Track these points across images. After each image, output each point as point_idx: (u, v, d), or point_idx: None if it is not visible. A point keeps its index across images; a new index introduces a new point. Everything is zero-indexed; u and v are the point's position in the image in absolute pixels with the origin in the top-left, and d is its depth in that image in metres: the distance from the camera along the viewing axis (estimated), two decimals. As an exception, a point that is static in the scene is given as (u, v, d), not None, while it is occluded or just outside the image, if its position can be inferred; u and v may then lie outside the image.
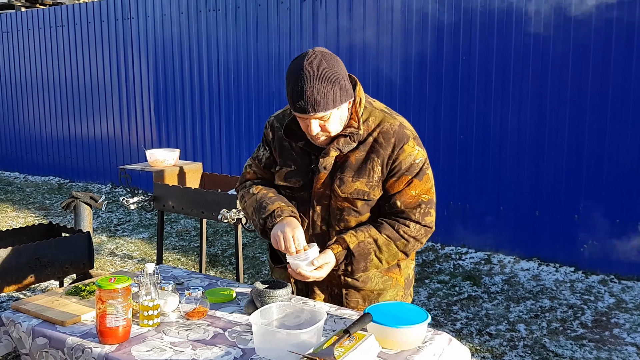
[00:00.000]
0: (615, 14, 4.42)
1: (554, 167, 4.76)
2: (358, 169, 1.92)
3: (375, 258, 1.93)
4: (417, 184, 1.92)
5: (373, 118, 1.94)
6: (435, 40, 5.22)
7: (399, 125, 1.93)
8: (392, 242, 1.93)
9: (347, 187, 1.93)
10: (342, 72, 1.84)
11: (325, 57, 1.81)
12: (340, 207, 1.96)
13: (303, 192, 2.01)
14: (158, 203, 3.87)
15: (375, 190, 1.93)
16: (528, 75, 4.80)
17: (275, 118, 2.09)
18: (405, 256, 1.99)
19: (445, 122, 5.23)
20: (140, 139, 7.64)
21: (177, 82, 7.16)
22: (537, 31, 4.72)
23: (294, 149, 2.01)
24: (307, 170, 1.99)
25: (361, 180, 1.92)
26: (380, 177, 1.92)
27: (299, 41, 6.09)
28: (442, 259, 5.04)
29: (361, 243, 1.91)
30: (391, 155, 1.90)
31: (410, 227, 1.93)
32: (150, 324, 1.84)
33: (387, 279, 2.05)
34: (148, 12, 7.28)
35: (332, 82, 1.79)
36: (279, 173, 2.05)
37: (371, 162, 1.91)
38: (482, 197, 5.12)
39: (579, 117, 4.63)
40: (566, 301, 4.17)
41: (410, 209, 1.92)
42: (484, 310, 4.05)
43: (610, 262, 4.54)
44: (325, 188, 1.96)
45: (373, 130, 1.93)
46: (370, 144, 1.92)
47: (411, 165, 1.91)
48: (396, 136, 1.91)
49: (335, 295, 2.06)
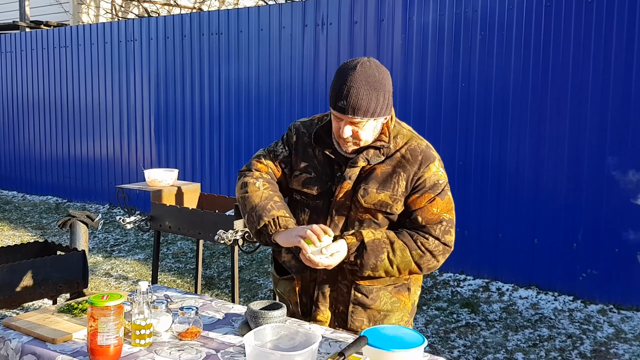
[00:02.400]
0: (614, 42, 4.46)
1: (552, 195, 4.75)
2: (383, 182, 1.94)
3: (387, 260, 1.91)
4: (439, 202, 1.93)
5: (401, 136, 1.98)
6: (435, 67, 5.26)
7: (426, 145, 1.98)
8: (408, 250, 1.91)
9: (371, 197, 1.93)
10: (389, 87, 1.88)
11: (378, 68, 1.86)
12: (360, 219, 1.96)
13: (318, 201, 2.00)
14: (155, 223, 3.85)
15: (398, 204, 1.94)
16: (527, 103, 4.83)
17: (302, 124, 2.10)
18: (419, 270, 1.95)
19: (444, 148, 5.24)
20: (140, 160, 7.64)
21: (178, 103, 7.20)
22: (536, 59, 4.76)
23: (317, 157, 2.02)
24: (327, 180, 1.99)
25: (385, 193, 1.93)
26: (403, 192, 1.93)
27: (300, 66, 6.14)
28: (440, 285, 4.99)
29: (377, 240, 1.90)
30: (417, 172, 1.93)
31: (429, 241, 1.92)
32: (142, 344, 1.81)
33: (395, 300, 2.03)
34: (151, 35, 7.35)
35: (378, 92, 1.83)
36: (297, 178, 2.04)
37: (397, 176, 1.93)
38: (481, 224, 5.10)
39: (578, 145, 4.64)
40: (565, 330, 4.12)
41: (432, 224, 1.93)
42: (481, 339, 4.00)
43: (609, 292, 4.50)
44: (346, 198, 1.96)
45: (401, 147, 1.96)
46: (397, 159, 1.94)
47: (435, 184, 1.93)
48: (423, 154, 1.94)
49: (339, 313, 2.03)
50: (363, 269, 1.91)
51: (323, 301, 2.04)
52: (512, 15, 4.85)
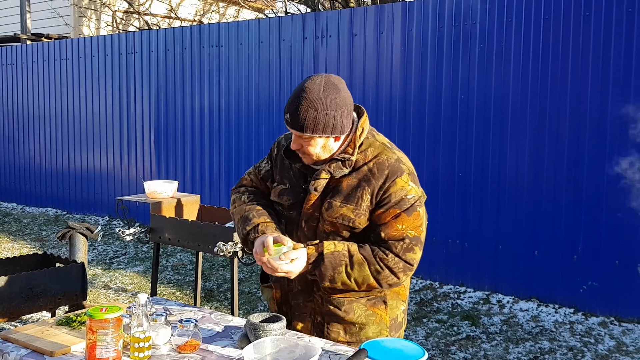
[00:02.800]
0: (612, 54, 4.48)
1: (552, 207, 4.75)
2: (347, 195, 1.92)
3: (344, 272, 1.89)
4: (405, 218, 1.89)
5: (372, 149, 1.95)
6: (434, 79, 5.28)
7: (396, 159, 1.93)
8: (367, 264, 1.89)
9: (334, 211, 1.92)
10: (340, 107, 1.84)
11: (328, 87, 1.83)
12: (326, 231, 1.97)
13: (292, 212, 2.03)
14: (154, 235, 3.84)
15: (361, 218, 1.91)
16: (526, 115, 4.84)
17: (285, 137, 2.14)
18: (378, 285, 1.92)
19: (443, 160, 5.25)
20: (140, 172, 7.65)
21: (178, 115, 7.21)
22: (535, 71, 4.78)
23: (292, 169, 2.05)
24: (299, 191, 2.01)
25: (348, 207, 1.91)
26: (368, 207, 1.91)
27: (299, 78, 6.16)
28: (441, 297, 4.97)
29: (336, 252, 1.89)
30: (382, 186, 1.89)
31: (389, 257, 1.88)
32: (140, 357, 1.80)
33: (370, 313, 2.01)
34: (152, 47, 7.39)
35: (327, 112, 1.82)
36: (274, 189, 2.09)
37: (361, 190, 1.90)
38: (481, 236, 5.09)
39: (577, 157, 4.64)
40: (566, 343, 4.10)
41: (393, 241, 1.89)
42: (482, 351, 3.98)
43: (610, 304, 4.48)
44: (314, 210, 1.97)
45: (370, 160, 1.93)
46: (364, 173, 1.91)
47: (402, 199, 1.88)
48: (390, 169, 1.90)
49: (317, 323, 2.03)
50: (322, 279, 1.91)
51: (301, 312, 2.05)
52: (511, 28, 4.88)
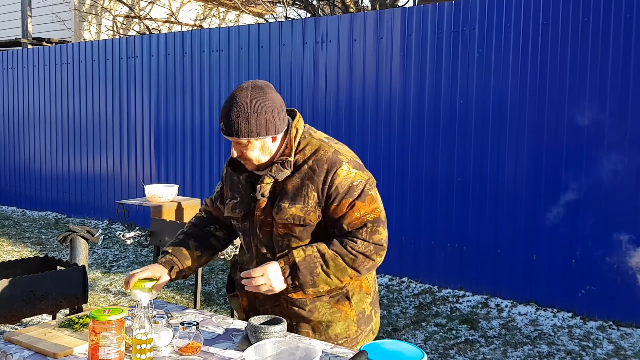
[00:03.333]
0: (611, 59, 4.52)
1: (550, 211, 4.77)
2: (294, 196, 1.96)
3: (322, 272, 1.93)
4: (360, 205, 1.93)
5: (310, 147, 1.99)
6: (433, 85, 5.31)
7: (334, 151, 1.97)
8: (340, 257, 1.93)
9: (284, 213, 1.96)
10: (276, 106, 1.91)
11: (256, 90, 1.90)
12: (280, 234, 2.00)
13: (246, 222, 2.08)
14: (154, 238, 3.86)
15: (311, 215, 1.95)
16: (524, 120, 4.87)
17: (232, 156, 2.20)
18: (357, 273, 1.96)
19: (442, 164, 5.28)
20: (140, 176, 7.67)
21: (179, 119, 7.24)
22: (534, 77, 4.82)
23: (241, 182, 2.10)
24: (249, 201, 2.05)
25: (297, 206, 1.95)
26: (317, 203, 1.95)
27: (299, 82, 6.20)
28: (439, 301, 4.99)
29: (307, 257, 1.92)
30: (325, 180, 1.93)
31: (358, 243, 1.93)
32: (142, 358, 1.81)
33: (335, 310, 2.04)
34: (152, 52, 7.42)
35: (258, 113, 1.88)
36: (227, 206, 2.14)
37: (306, 189, 1.95)
38: (480, 240, 5.11)
39: (576, 162, 4.67)
40: (564, 347, 4.11)
41: (357, 229, 1.94)
42: (481, 355, 3.99)
43: (608, 308, 4.50)
44: (266, 215, 2.01)
45: (308, 158, 1.97)
46: (305, 171, 1.96)
47: (349, 188, 1.93)
48: (329, 162, 1.94)
49: (289, 327, 2.06)
50: (304, 287, 1.94)
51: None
52: (509, 34, 4.92)
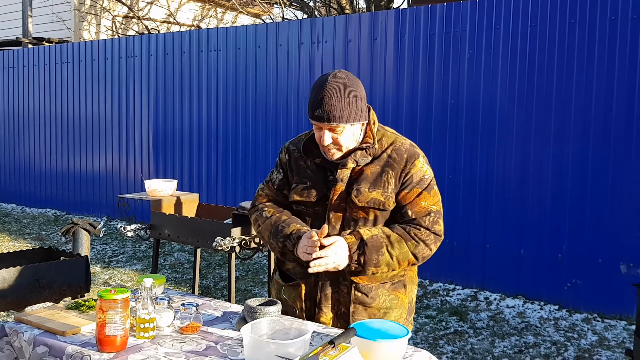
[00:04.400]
0: (596, 60, 4.67)
1: (538, 207, 4.92)
2: (374, 181, 2.07)
3: (387, 253, 2.03)
4: (427, 196, 2.08)
5: (386, 138, 2.13)
6: (426, 84, 5.46)
7: (410, 144, 2.13)
8: (404, 241, 2.04)
9: (364, 196, 2.06)
10: (362, 94, 2.03)
11: (348, 77, 2.01)
12: (355, 218, 2.08)
13: (317, 207, 2.13)
14: (154, 231, 3.99)
15: (390, 200, 2.07)
16: (513, 119, 5.02)
17: (291, 143, 2.26)
18: (415, 260, 2.07)
19: (434, 162, 5.38)
20: (138, 174, 7.79)
21: (177, 118, 7.37)
22: (522, 77, 4.96)
23: (310, 167, 2.16)
24: (322, 186, 2.12)
25: (377, 191, 2.06)
26: (393, 189, 2.07)
27: (296, 82, 6.33)
28: (430, 294, 5.13)
29: (374, 236, 2.03)
30: (404, 169, 2.07)
31: (421, 231, 2.06)
32: (146, 336, 1.94)
33: (393, 297, 2.14)
34: (151, 51, 7.54)
35: (350, 98, 1.98)
36: (295, 189, 2.17)
37: (386, 175, 2.07)
38: (470, 235, 5.26)
39: (562, 160, 4.82)
40: (550, 338, 4.26)
41: (421, 216, 2.07)
42: (469, 345, 4.13)
43: (593, 301, 4.65)
44: (341, 200, 2.08)
45: (386, 148, 2.10)
46: (384, 159, 2.08)
47: (421, 179, 2.08)
48: (408, 152, 2.09)
49: (342, 314, 2.13)
50: (367, 265, 2.02)
51: (326, 303, 2.14)
52: (499, 35, 5.07)
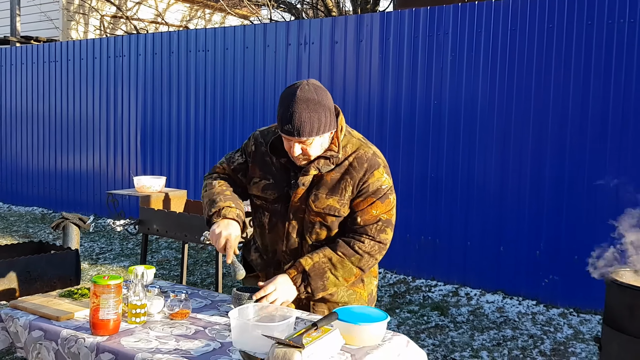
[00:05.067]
0: (573, 63, 4.83)
1: (516, 206, 5.07)
2: (332, 188, 2.14)
3: (332, 275, 2.12)
4: (379, 205, 2.15)
5: (350, 145, 2.18)
6: (410, 85, 5.60)
7: (372, 153, 2.18)
8: (347, 259, 2.13)
9: (321, 202, 2.15)
10: (329, 104, 2.07)
11: (316, 90, 2.05)
12: (312, 221, 2.18)
13: (277, 205, 2.22)
14: (143, 226, 4.07)
15: (345, 207, 2.15)
16: (493, 120, 5.17)
17: (260, 133, 2.31)
18: (361, 271, 2.18)
19: (417, 161, 5.56)
20: (125, 172, 7.84)
21: (164, 117, 7.44)
22: (502, 79, 5.12)
23: (275, 165, 2.22)
24: (284, 185, 2.21)
25: (334, 198, 2.14)
26: (350, 197, 2.15)
27: (283, 82, 6.44)
28: (413, 290, 5.26)
29: (316, 264, 2.11)
30: (362, 177, 2.13)
31: (365, 243, 2.14)
32: (137, 321, 2.04)
33: (351, 292, 2.26)
34: (140, 51, 7.61)
35: (319, 113, 2.02)
36: (257, 185, 2.26)
37: (344, 182, 2.14)
38: (451, 233, 5.40)
39: (540, 160, 4.98)
40: (527, 331, 4.40)
41: (368, 225, 2.15)
42: (449, 338, 4.26)
43: (570, 297, 4.80)
44: (301, 203, 2.17)
45: (349, 155, 2.16)
46: (345, 167, 2.14)
47: (377, 189, 2.14)
48: (369, 162, 2.15)
49: (302, 305, 2.24)
50: (315, 292, 2.13)
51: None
52: (480, 38, 5.22)
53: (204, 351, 1.83)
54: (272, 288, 2.09)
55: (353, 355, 1.83)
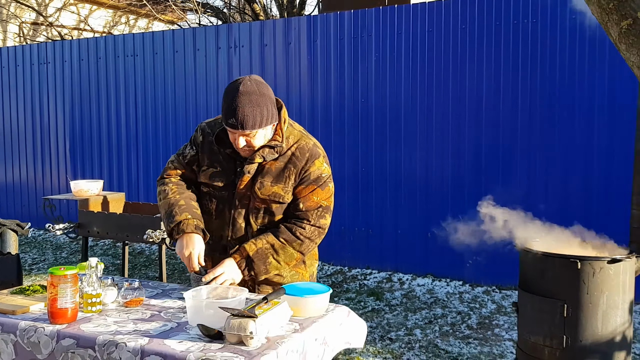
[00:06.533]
0: (485, 62, 5.25)
1: (440, 195, 5.45)
2: (277, 176, 2.30)
3: (274, 260, 2.28)
4: (320, 192, 2.35)
5: (292, 136, 2.35)
6: (338, 85, 5.87)
7: (313, 144, 2.37)
8: (288, 244, 2.29)
9: (267, 189, 2.30)
10: (271, 98, 2.22)
11: (257, 84, 2.19)
12: (257, 207, 2.34)
13: (224, 192, 2.35)
14: (83, 229, 4.10)
15: (288, 194, 2.32)
16: (416, 117, 5.52)
17: (207, 124, 2.44)
18: (302, 255, 2.36)
19: (349, 156, 5.84)
20: (55, 181, 7.67)
21: (94, 123, 7.35)
22: (422, 78, 5.48)
23: (221, 154, 2.35)
24: (231, 173, 2.35)
25: (279, 185, 2.30)
26: (292, 184, 2.32)
27: (215, 85, 6.55)
28: (350, 279, 5.53)
29: (259, 249, 2.26)
30: (304, 166, 2.30)
31: (306, 229, 2.30)
32: (93, 310, 2.13)
33: (294, 273, 2.45)
34: (65, 57, 7.48)
35: (261, 106, 2.16)
36: (205, 172, 2.37)
37: (288, 171, 2.30)
38: (382, 223, 5.71)
39: (460, 152, 5.37)
40: (455, 309, 4.76)
41: (310, 210, 2.32)
42: (385, 320, 4.54)
43: (492, 276, 5.22)
44: (247, 190, 2.32)
45: (292, 145, 2.32)
46: (288, 156, 2.30)
47: (318, 177, 2.33)
48: (310, 152, 2.32)
49: (248, 287, 2.38)
50: (258, 275, 2.30)
51: None
52: (401, 40, 5.56)
53: (162, 330, 1.96)
54: (220, 271, 2.24)
55: (301, 325, 2.02)
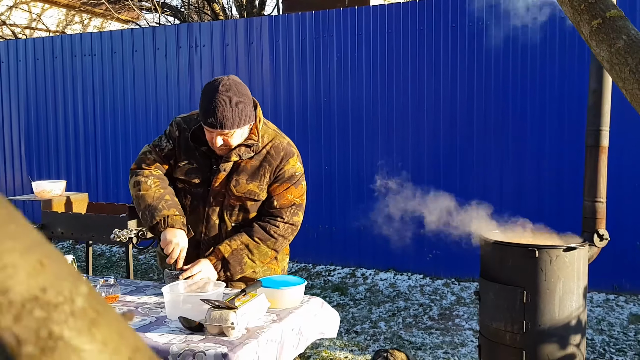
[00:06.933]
0: (442, 62, 5.44)
1: (397, 193, 5.61)
2: (252, 174, 2.34)
3: (249, 260, 2.33)
4: (293, 190, 2.41)
5: (267, 135, 2.39)
6: (300, 84, 5.96)
7: (287, 143, 2.43)
8: (262, 243, 2.33)
9: (242, 187, 2.34)
10: (249, 98, 2.26)
11: (236, 84, 2.23)
12: (232, 205, 2.39)
13: (199, 189, 2.39)
14: (46, 231, 4.04)
15: (263, 192, 2.38)
16: (377, 117, 5.67)
17: (183, 119, 2.44)
18: (276, 252, 2.43)
19: (312, 155, 5.93)
20: (10, 184, 7.48)
21: (51, 124, 7.20)
22: (383, 78, 5.63)
23: (198, 151, 2.38)
24: (206, 170, 2.39)
25: (254, 183, 2.35)
26: (267, 182, 2.38)
27: (176, 85, 6.53)
28: (314, 276, 5.63)
29: (234, 250, 2.30)
30: (279, 165, 2.35)
31: (280, 227, 2.36)
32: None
33: (267, 269, 2.51)
34: (20, 57, 7.30)
35: (240, 106, 2.20)
36: (180, 168, 2.40)
37: (263, 169, 2.35)
38: (345, 220, 5.83)
39: (419, 150, 5.55)
40: (417, 301, 4.92)
41: (284, 208, 2.39)
42: (350, 314, 4.66)
43: (451, 268, 5.41)
44: (222, 187, 2.36)
45: (267, 144, 2.37)
46: (264, 155, 2.35)
47: (292, 175, 2.39)
48: (285, 151, 2.38)
49: (223, 281, 2.42)
50: (234, 276, 2.34)
51: None
52: (362, 40, 5.69)
53: (142, 324, 2.01)
54: (197, 269, 2.29)
55: (278, 315, 2.10)
